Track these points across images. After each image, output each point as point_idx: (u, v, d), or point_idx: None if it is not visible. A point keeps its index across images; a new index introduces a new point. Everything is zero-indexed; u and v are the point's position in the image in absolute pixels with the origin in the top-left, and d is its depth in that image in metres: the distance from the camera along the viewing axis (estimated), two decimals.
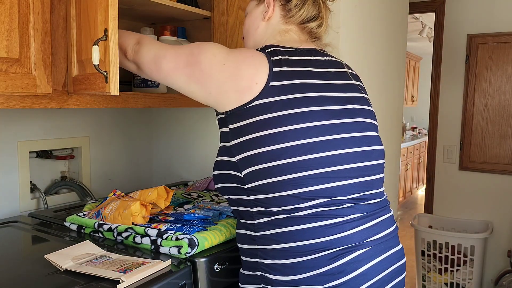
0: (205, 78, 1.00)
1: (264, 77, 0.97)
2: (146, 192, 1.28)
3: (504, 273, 2.92)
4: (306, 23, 1.12)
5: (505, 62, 2.96)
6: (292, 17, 1.11)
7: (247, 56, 1.00)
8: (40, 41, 1.15)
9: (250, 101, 0.96)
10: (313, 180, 0.95)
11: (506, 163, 2.99)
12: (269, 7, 1.13)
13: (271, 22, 1.13)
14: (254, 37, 1.16)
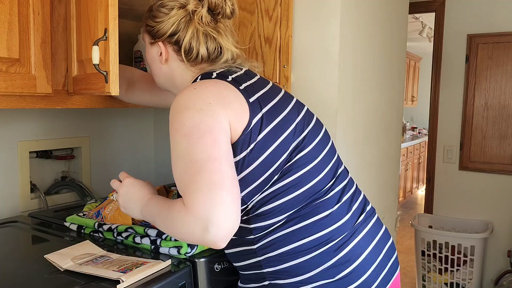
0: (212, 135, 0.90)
1: (246, 111, 0.94)
2: None
3: (504, 273, 2.92)
4: (216, 60, 1.06)
5: (505, 62, 2.96)
6: (196, 59, 1.04)
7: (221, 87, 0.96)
8: (40, 41, 1.15)
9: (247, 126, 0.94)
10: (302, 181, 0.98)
11: (506, 163, 2.99)
12: (162, 50, 1.06)
13: (172, 65, 1.08)
14: (162, 76, 1.11)
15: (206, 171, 0.83)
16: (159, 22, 1.04)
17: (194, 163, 0.84)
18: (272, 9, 1.64)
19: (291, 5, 1.62)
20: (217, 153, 0.85)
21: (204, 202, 0.80)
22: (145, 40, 1.12)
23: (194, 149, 0.85)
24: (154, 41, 1.07)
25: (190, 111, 0.89)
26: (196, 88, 0.94)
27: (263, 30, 1.66)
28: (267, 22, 1.65)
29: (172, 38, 1.04)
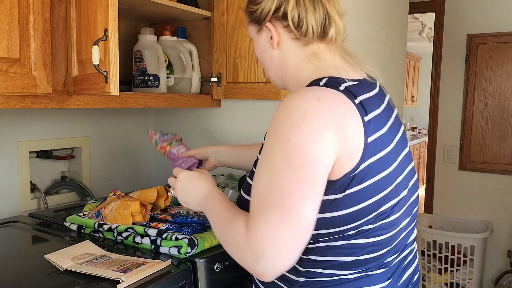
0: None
1: (361, 132, 0.79)
2: (146, 192, 1.28)
3: (504, 273, 2.92)
4: (324, 34, 0.92)
5: (505, 62, 2.96)
6: (307, 33, 0.91)
7: (340, 105, 0.80)
8: (40, 41, 1.15)
9: (356, 167, 0.79)
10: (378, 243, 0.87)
11: (506, 163, 2.99)
12: (272, 31, 0.93)
13: (285, 48, 0.94)
14: (274, 67, 0.98)
15: (283, 206, 0.73)
16: (260, 1, 0.94)
17: (278, 191, 0.75)
18: None
19: None
20: (305, 192, 0.74)
21: (266, 237, 0.73)
22: (251, 34, 1.00)
23: (285, 176, 0.75)
24: (260, 26, 0.95)
25: (302, 129, 0.76)
26: (320, 100, 0.79)
27: None
28: None
29: (279, 12, 0.91)
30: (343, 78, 0.86)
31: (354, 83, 0.86)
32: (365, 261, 0.85)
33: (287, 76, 0.97)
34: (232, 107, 1.87)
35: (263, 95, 1.69)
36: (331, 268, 0.85)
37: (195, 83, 1.79)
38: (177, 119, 2.03)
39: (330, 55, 0.93)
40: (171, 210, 1.27)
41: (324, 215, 0.80)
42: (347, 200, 0.79)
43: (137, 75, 1.66)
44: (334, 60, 0.92)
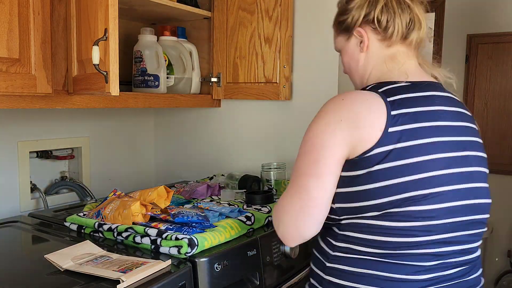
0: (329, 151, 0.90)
1: (382, 123, 0.88)
2: (146, 192, 1.28)
3: (504, 273, 2.92)
4: (408, 35, 1.00)
5: (505, 62, 2.96)
6: (392, 35, 0.99)
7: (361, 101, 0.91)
8: (40, 41, 1.15)
9: (369, 150, 0.87)
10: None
11: (506, 163, 2.99)
12: (363, 36, 1.01)
13: (370, 50, 1.02)
14: (358, 72, 1.06)
15: (294, 183, 0.93)
16: (351, 9, 1.02)
17: (295, 170, 0.94)
18: (272, 9, 1.64)
19: (291, 5, 1.62)
20: (312, 171, 0.91)
21: (278, 208, 0.96)
22: (340, 45, 1.08)
23: (301, 158, 0.93)
24: (350, 33, 1.04)
25: (320, 122, 0.93)
26: (344, 99, 0.93)
27: (263, 30, 1.66)
28: (267, 22, 1.65)
29: (369, 16, 1.00)
30: (391, 82, 0.95)
31: (403, 85, 0.94)
32: (395, 244, 0.88)
33: (365, 80, 1.05)
34: (232, 107, 1.87)
35: (263, 95, 1.70)
36: (362, 245, 0.92)
37: (195, 83, 1.79)
38: (177, 119, 2.03)
39: (405, 59, 1.00)
40: (171, 210, 1.27)
41: (345, 189, 0.91)
42: (364, 178, 0.88)
43: (137, 75, 1.66)
44: (405, 64, 1.00)
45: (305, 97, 1.69)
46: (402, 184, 0.86)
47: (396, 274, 0.89)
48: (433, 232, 0.88)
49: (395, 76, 0.97)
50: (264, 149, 1.81)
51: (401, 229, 0.88)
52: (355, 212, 0.91)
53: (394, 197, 0.87)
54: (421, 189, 0.87)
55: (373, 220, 0.89)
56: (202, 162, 1.97)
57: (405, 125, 0.88)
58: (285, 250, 1.30)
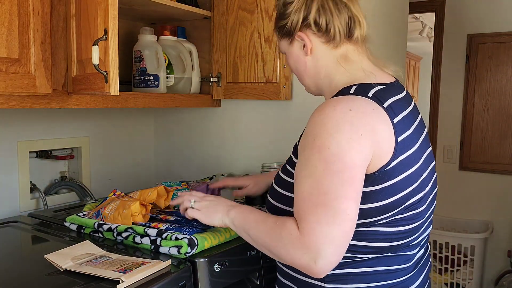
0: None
1: (392, 133, 0.88)
2: (146, 192, 1.28)
3: (504, 273, 2.92)
4: (351, 34, 0.98)
5: (505, 62, 2.96)
6: (335, 36, 0.97)
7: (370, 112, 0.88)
8: (40, 41, 1.15)
9: (387, 164, 0.87)
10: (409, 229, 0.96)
11: (506, 163, 2.99)
12: (304, 40, 0.99)
13: (316, 53, 1.00)
14: (308, 74, 1.04)
15: (332, 207, 0.82)
16: (289, 14, 1.00)
17: (323, 194, 0.83)
18: (272, 8, 1.63)
19: None
20: (349, 194, 0.83)
21: (321, 237, 0.81)
22: (284, 48, 1.06)
23: (329, 180, 0.83)
24: (292, 37, 1.01)
25: (339, 137, 0.84)
26: (352, 110, 0.86)
27: (263, 30, 1.66)
28: (267, 22, 1.65)
29: (307, 20, 0.98)
30: (371, 84, 0.93)
31: (382, 87, 0.93)
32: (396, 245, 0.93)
33: (320, 80, 1.03)
34: (232, 107, 1.87)
35: (263, 95, 1.69)
36: (365, 253, 0.92)
37: (195, 83, 1.79)
38: (177, 119, 2.03)
39: (358, 57, 1.00)
40: (170, 209, 1.27)
41: (362, 206, 0.87)
42: (381, 193, 0.88)
43: (137, 75, 1.66)
44: (362, 62, 0.99)
45: (305, 97, 1.68)
46: (409, 193, 0.90)
47: (394, 266, 0.95)
48: (422, 227, 0.98)
49: (362, 77, 0.95)
50: (264, 149, 1.81)
51: (403, 232, 0.93)
52: (364, 225, 0.90)
53: (402, 206, 0.90)
54: (419, 193, 0.93)
55: (378, 228, 0.91)
56: (202, 162, 1.97)
57: (404, 133, 0.90)
58: None
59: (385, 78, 0.98)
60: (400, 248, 0.95)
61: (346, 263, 0.93)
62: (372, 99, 0.89)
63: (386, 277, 0.94)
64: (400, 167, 0.88)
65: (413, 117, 0.97)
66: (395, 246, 0.93)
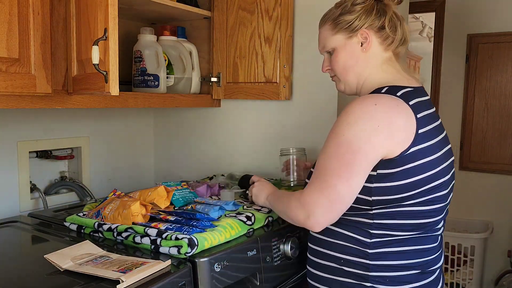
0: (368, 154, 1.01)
1: (413, 125, 1.01)
2: (146, 192, 1.28)
3: (504, 273, 2.92)
4: (398, 47, 1.15)
5: (505, 62, 2.96)
6: (392, 43, 1.13)
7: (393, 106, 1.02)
8: (40, 41, 1.15)
9: (405, 150, 1.00)
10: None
11: (506, 163, 2.99)
12: (367, 37, 1.12)
13: (370, 51, 1.13)
14: (355, 70, 1.15)
15: (325, 180, 1.02)
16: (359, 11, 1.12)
17: (324, 169, 1.03)
18: (272, 9, 1.63)
19: (291, 5, 1.62)
20: (344, 173, 1.00)
21: (311, 201, 1.03)
22: (337, 42, 1.15)
23: (333, 160, 1.02)
24: (354, 32, 1.12)
25: (355, 127, 1.00)
26: (377, 104, 1.01)
27: (263, 30, 1.66)
28: (267, 22, 1.65)
29: (377, 23, 1.12)
30: (400, 86, 1.07)
31: (410, 89, 1.07)
32: (423, 224, 1.07)
33: (362, 77, 1.15)
34: (232, 107, 1.87)
35: (263, 95, 1.69)
36: (398, 230, 1.06)
37: (195, 83, 1.79)
38: (177, 119, 2.03)
39: (397, 64, 1.16)
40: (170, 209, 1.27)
41: (384, 184, 1.02)
42: (400, 174, 1.01)
43: (137, 75, 1.66)
44: (399, 68, 1.15)
45: (305, 97, 1.68)
46: (430, 176, 1.03)
47: (427, 245, 1.09)
48: (443, 209, 1.12)
49: (400, 80, 1.11)
50: (264, 149, 1.81)
51: (428, 211, 1.06)
52: (391, 202, 1.03)
53: (425, 187, 1.03)
54: (440, 178, 1.06)
55: (407, 207, 1.04)
56: (202, 162, 1.97)
57: (426, 127, 1.04)
58: (285, 250, 1.30)
59: (413, 83, 1.12)
60: (429, 227, 1.08)
61: (386, 242, 1.06)
62: (400, 97, 1.03)
63: (422, 255, 1.08)
64: (420, 154, 1.01)
65: (434, 118, 1.11)
66: (424, 224, 1.07)
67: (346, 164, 1.00)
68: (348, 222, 1.09)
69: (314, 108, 1.66)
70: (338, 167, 1.01)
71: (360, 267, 1.08)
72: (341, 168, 1.00)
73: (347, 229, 1.10)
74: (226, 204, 1.29)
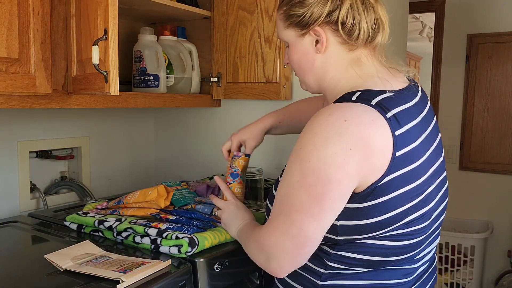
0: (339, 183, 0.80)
1: (390, 146, 0.80)
2: (146, 191, 1.28)
3: (504, 273, 2.92)
4: (373, 38, 0.91)
5: (505, 62, 2.96)
6: (358, 38, 0.89)
7: (367, 123, 0.80)
8: (40, 41, 1.15)
9: (379, 180, 0.81)
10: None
11: (506, 163, 2.99)
12: (321, 37, 0.90)
13: (329, 52, 0.92)
14: (313, 73, 0.95)
15: (290, 219, 0.82)
16: (310, 4, 0.89)
17: (289, 204, 0.83)
18: (272, 9, 1.63)
19: None
20: (313, 210, 0.81)
21: (271, 242, 0.85)
22: (289, 37, 0.95)
23: (299, 192, 0.81)
24: (306, 30, 0.91)
25: (323, 152, 0.79)
26: (347, 120, 0.80)
27: (263, 30, 1.66)
28: (267, 22, 1.65)
29: (331, 16, 0.88)
30: (377, 91, 0.85)
31: (389, 95, 0.85)
32: (392, 260, 0.89)
33: (325, 82, 0.95)
34: (232, 107, 1.87)
35: (263, 95, 1.69)
36: (358, 266, 0.89)
37: (195, 83, 1.79)
38: (177, 119, 2.03)
39: (371, 62, 0.93)
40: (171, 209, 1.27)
41: (351, 222, 0.84)
42: (374, 210, 0.83)
43: (137, 75, 1.66)
44: (375, 67, 0.92)
45: (305, 97, 1.68)
46: (409, 209, 0.85)
47: (392, 280, 0.91)
48: (425, 242, 0.92)
49: (376, 83, 0.88)
50: (263, 149, 1.80)
51: (402, 247, 0.88)
52: (359, 240, 0.87)
53: (400, 222, 0.85)
54: (421, 209, 0.87)
55: (377, 241, 0.86)
56: (202, 162, 1.97)
57: (408, 146, 0.83)
58: None
59: (397, 84, 0.90)
60: (399, 262, 0.90)
61: (342, 275, 0.90)
62: (375, 107, 0.81)
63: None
64: (396, 183, 0.82)
65: (423, 126, 0.89)
66: (393, 261, 0.89)
67: (315, 197, 0.80)
68: None
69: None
70: (307, 202, 0.80)
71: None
72: (311, 204, 0.80)
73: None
74: None
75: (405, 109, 0.86)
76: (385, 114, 0.81)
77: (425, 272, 0.98)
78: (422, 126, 0.89)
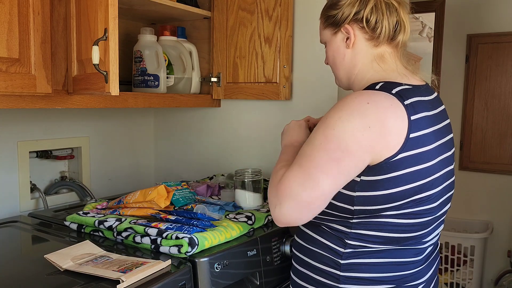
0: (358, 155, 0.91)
1: (405, 128, 0.92)
2: (146, 191, 1.28)
3: (504, 273, 2.92)
4: (394, 37, 1.05)
5: (505, 62, 2.96)
6: (379, 35, 1.03)
7: (386, 107, 0.92)
8: (40, 41, 1.15)
9: (393, 156, 0.91)
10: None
11: (506, 163, 2.99)
12: (349, 33, 1.05)
13: (357, 48, 1.06)
14: (343, 66, 1.09)
15: (308, 173, 0.92)
16: (342, 5, 1.05)
17: (309, 160, 0.93)
18: (272, 9, 1.64)
19: (291, 5, 1.62)
20: (330, 170, 0.91)
21: (287, 190, 0.93)
22: (326, 37, 1.11)
23: (320, 153, 0.92)
24: (338, 28, 1.07)
25: (347, 124, 0.91)
26: (370, 103, 0.93)
27: (263, 30, 1.66)
28: (267, 22, 1.65)
29: (358, 15, 1.04)
30: (397, 83, 0.98)
31: (408, 87, 0.98)
32: (405, 238, 0.99)
33: (353, 75, 1.09)
34: (232, 107, 1.87)
35: (263, 95, 1.70)
36: (375, 243, 0.98)
37: (195, 83, 1.79)
38: (177, 119, 2.03)
39: (393, 60, 1.06)
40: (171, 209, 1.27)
41: (366, 193, 0.94)
42: (386, 183, 0.93)
43: (137, 75, 1.66)
44: (396, 65, 1.05)
45: (305, 97, 1.68)
46: (417, 187, 0.94)
47: (405, 258, 1.01)
48: (433, 224, 1.03)
49: (396, 77, 1.01)
50: (264, 149, 1.81)
51: (412, 225, 0.98)
52: (373, 212, 0.96)
53: (411, 198, 0.95)
54: (429, 191, 0.97)
55: (389, 219, 0.96)
56: (202, 162, 1.97)
57: (421, 131, 0.94)
58: (285, 250, 1.30)
59: (414, 81, 1.03)
60: (410, 241, 1.00)
61: (361, 253, 0.99)
62: (394, 95, 0.94)
63: (398, 269, 1.00)
64: (408, 161, 0.92)
65: (436, 120, 1.01)
66: (405, 238, 0.99)
67: (334, 160, 0.91)
68: (326, 229, 1.03)
69: (314, 108, 1.66)
70: (326, 162, 0.91)
71: (331, 277, 1.01)
72: (329, 165, 0.91)
73: (324, 237, 1.03)
74: (227, 204, 1.29)
75: (421, 100, 0.98)
76: (403, 101, 0.93)
77: (431, 254, 1.08)
78: (435, 120, 1.01)
